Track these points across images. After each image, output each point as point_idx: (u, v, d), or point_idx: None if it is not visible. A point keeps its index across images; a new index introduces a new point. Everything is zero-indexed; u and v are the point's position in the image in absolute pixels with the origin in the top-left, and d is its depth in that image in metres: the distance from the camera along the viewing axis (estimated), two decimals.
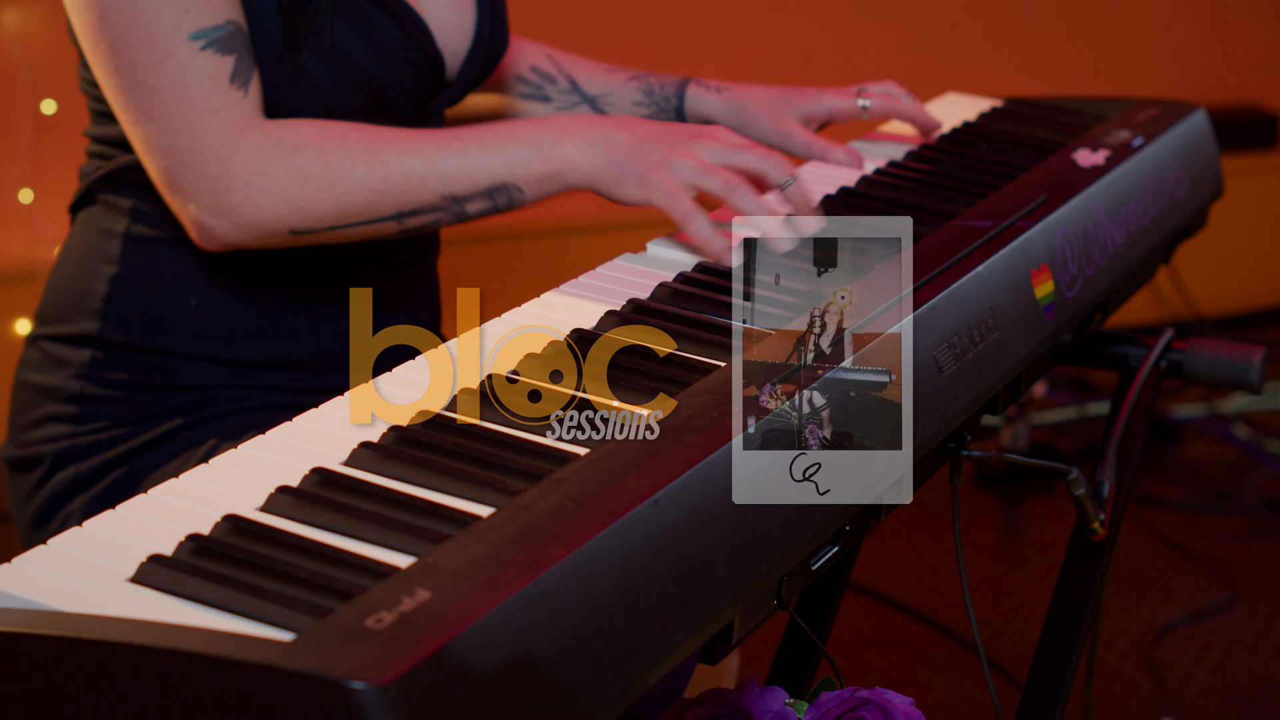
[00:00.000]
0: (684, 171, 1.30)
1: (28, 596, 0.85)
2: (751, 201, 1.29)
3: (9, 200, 2.94)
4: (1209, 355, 1.61)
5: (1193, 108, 1.75)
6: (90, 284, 1.46)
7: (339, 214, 1.32)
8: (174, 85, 1.31)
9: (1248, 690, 2.45)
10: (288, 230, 1.33)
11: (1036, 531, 2.98)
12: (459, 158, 1.32)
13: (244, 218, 1.31)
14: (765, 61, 3.42)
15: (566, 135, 1.33)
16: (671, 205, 1.29)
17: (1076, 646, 1.46)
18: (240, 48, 1.33)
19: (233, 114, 1.31)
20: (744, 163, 1.32)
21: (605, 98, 1.68)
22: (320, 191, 1.31)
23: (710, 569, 0.95)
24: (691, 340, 1.16)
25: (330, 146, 1.31)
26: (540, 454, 1.00)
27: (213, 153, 1.31)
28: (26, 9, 2.88)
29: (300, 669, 0.76)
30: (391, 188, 1.32)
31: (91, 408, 1.45)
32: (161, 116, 1.31)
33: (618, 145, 1.32)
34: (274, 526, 0.91)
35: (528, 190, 1.33)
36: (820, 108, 1.62)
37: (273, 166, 1.31)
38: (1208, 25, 3.79)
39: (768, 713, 1.18)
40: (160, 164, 1.33)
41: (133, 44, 1.30)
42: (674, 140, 1.32)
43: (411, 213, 1.33)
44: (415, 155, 1.32)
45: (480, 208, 1.34)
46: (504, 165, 1.32)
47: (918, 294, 1.22)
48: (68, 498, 1.46)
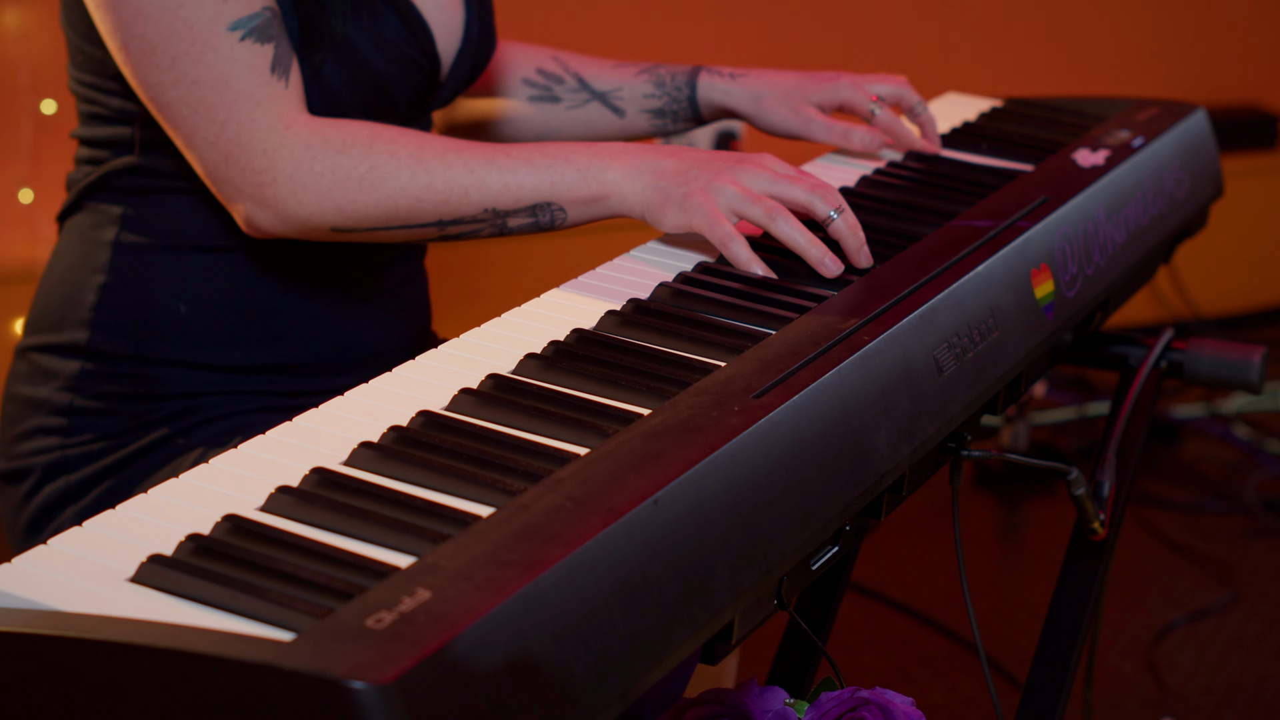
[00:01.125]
0: (726, 196, 1.27)
1: (28, 596, 0.85)
2: (794, 231, 1.26)
3: (9, 200, 2.94)
4: (1209, 355, 1.61)
5: (1193, 108, 1.75)
6: (79, 293, 1.45)
7: (381, 217, 1.32)
8: (216, 77, 1.30)
9: (1248, 690, 2.45)
10: (329, 227, 1.33)
11: (1036, 531, 2.98)
12: (504, 173, 1.31)
13: (287, 211, 1.31)
14: (765, 61, 3.42)
15: (614, 160, 1.31)
16: (711, 228, 1.26)
17: (1076, 646, 1.47)
18: (278, 34, 1.33)
19: (276, 105, 1.31)
20: (790, 194, 1.29)
21: (616, 93, 1.66)
22: (363, 193, 1.31)
23: (710, 569, 0.95)
24: (691, 340, 1.16)
25: (377, 149, 1.31)
26: (540, 454, 1.00)
27: (258, 145, 1.30)
28: (26, 9, 2.88)
29: (300, 669, 0.76)
30: (434, 196, 1.31)
31: (80, 420, 1.44)
32: (205, 109, 1.31)
33: (663, 172, 1.30)
34: (274, 526, 0.91)
35: (571, 212, 1.32)
36: (834, 98, 1.59)
37: (318, 164, 1.30)
38: (1208, 25, 3.80)
39: (768, 713, 1.18)
40: (207, 156, 1.32)
41: (172, 38, 1.30)
42: (719, 166, 1.29)
43: (453, 221, 1.32)
44: (461, 166, 1.31)
45: (522, 223, 1.33)
46: (549, 185, 1.31)
47: (918, 294, 1.22)
48: (58, 509, 1.45)
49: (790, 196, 1.29)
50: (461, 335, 1.18)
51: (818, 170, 1.56)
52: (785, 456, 1.02)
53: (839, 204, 1.28)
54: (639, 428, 1.01)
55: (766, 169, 1.30)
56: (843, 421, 1.08)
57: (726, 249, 1.27)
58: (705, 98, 1.63)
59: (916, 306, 1.20)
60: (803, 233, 1.26)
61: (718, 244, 1.27)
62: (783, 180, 1.29)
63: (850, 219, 1.28)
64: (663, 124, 1.66)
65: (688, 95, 1.64)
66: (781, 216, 1.26)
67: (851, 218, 1.29)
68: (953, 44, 3.59)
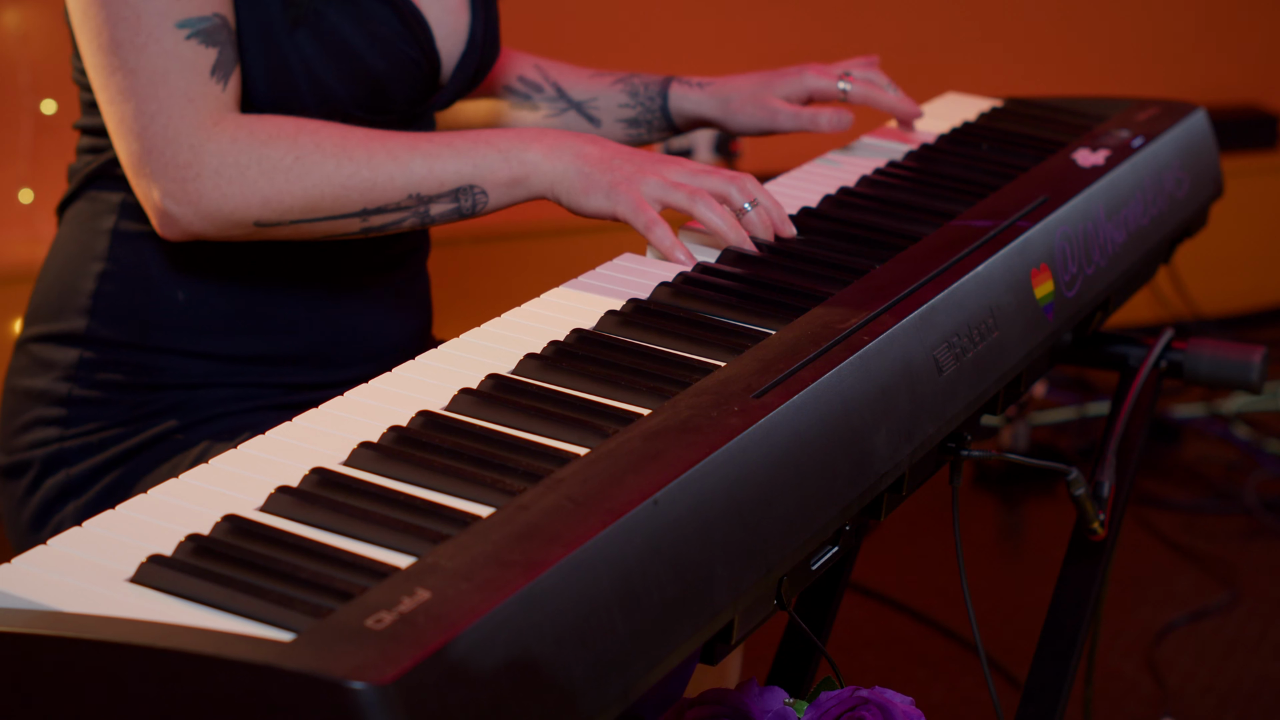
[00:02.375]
0: (650, 187, 1.31)
1: (28, 596, 0.85)
2: (714, 214, 1.31)
3: (9, 200, 2.94)
4: (1209, 355, 1.61)
5: (1193, 108, 1.75)
6: (78, 281, 1.46)
7: (305, 207, 1.33)
8: (155, 70, 1.32)
9: (1248, 690, 2.45)
10: (252, 221, 1.33)
11: (1036, 531, 2.98)
12: (427, 159, 1.33)
13: (210, 206, 1.32)
14: (764, 62, 3.41)
15: (534, 142, 1.34)
16: (635, 215, 1.30)
17: (1076, 646, 1.46)
18: (225, 41, 1.34)
19: (209, 105, 1.32)
20: (709, 185, 1.33)
21: (591, 102, 1.69)
22: (289, 184, 1.32)
23: (710, 569, 0.95)
24: (691, 340, 1.16)
25: (303, 140, 1.32)
26: (540, 454, 1.00)
27: (185, 140, 1.32)
28: (26, 9, 2.88)
29: (300, 669, 0.76)
30: (360, 184, 1.33)
31: (80, 409, 1.45)
32: (138, 99, 1.32)
33: (585, 156, 1.33)
34: (274, 526, 0.91)
35: (492, 195, 1.35)
36: (800, 87, 1.62)
37: (244, 156, 1.32)
38: (1208, 25, 3.80)
39: (768, 713, 1.18)
40: (131, 146, 1.33)
41: (119, 24, 1.31)
42: (641, 160, 1.34)
43: (377, 210, 1.34)
44: (385, 153, 1.33)
45: (444, 209, 1.35)
46: (470, 167, 1.34)
47: (918, 294, 1.22)
48: (59, 504, 1.45)
49: (710, 186, 1.33)
50: (461, 335, 1.18)
51: (818, 170, 1.56)
52: (785, 456, 1.02)
53: (753, 196, 1.33)
54: (639, 428, 1.01)
55: (685, 165, 1.34)
56: (842, 421, 1.08)
57: (651, 233, 1.30)
58: (676, 108, 1.67)
59: (916, 306, 1.20)
60: (722, 215, 1.31)
61: (642, 229, 1.30)
62: (701, 174, 1.34)
63: (763, 214, 1.34)
64: (638, 133, 1.69)
65: (660, 105, 1.67)
66: (702, 200, 1.31)
67: (764, 213, 1.34)
68: (953, 44, 3.58)
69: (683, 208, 1.31)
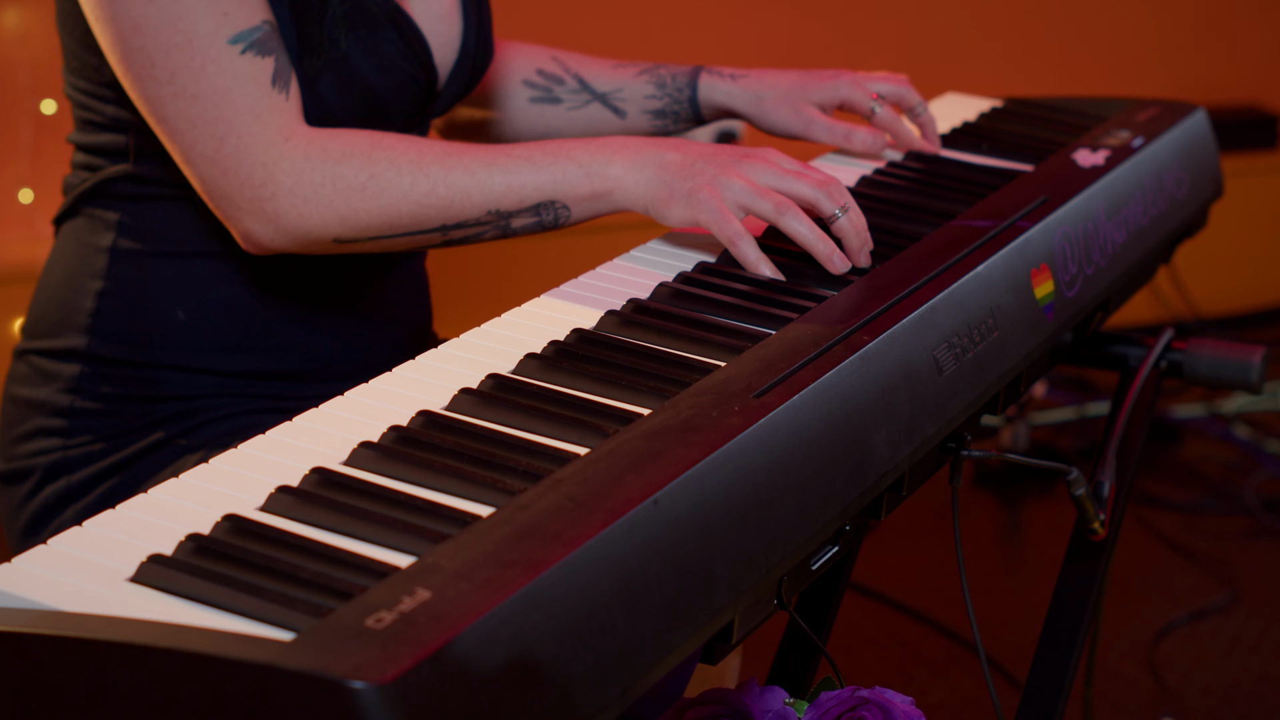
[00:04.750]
0: (733, 191, 1.26)
1: (28, 596, 0.85)
2: (803, 226, 1.26)
3: (9, 200, 2.94)
4: (1209, 355, 1.61)
5: (1193, 108, 1.75)
6: (77, 299, 1.45)
7: (384, 225, 1.31)
8: (216, 91, 1.29)
9: (1248, 690, 2.45)
10: (332, 239, 1.32)
11: (1036, 531, 2.98)
12: (506, 174, 1.30)
13: (289, 224, 1.30)
14: (764, 61, 3.41)
15: (616, 155, 1.30)
16: (720, 225, 1.26)
17: (1076, 646, 1.47)
18: (277, 48, 1.32)
19: (276, 118, 1.30)
20: (796, 190, 1.28)
21: (617, 93, 1.66)
22: (365, 202, 1.30)
23: (710, 569, 0.95)
24: (691, 340, 1.16)
25: (377, 157, 1.30)
26: (540, 454, 1.00)
27: (258, 159, 1.29)
28: (26, 9, 2.88)
29: (300, 669, 0.76)
30: (437, 201, 1.30)
31: (81, 421, 1.44)
32: (205, 123, 1.29)
33: (667, 165, 1.29)
34: (274, 526, 0.91)
35: (574, 209, 1.32)
36: (834, 96, 1.59)
37: (318, 175, 1.29)
38: (1208, 25, 3.79)
39: (768, 713, 1.18)
40: (205, 171, 1.31)
41: (171, 52, 1.28)
42: (724, 160, 1.28)
43: (456, 225, 1.32)
44: (462, 170, 1.30)
45: (526, 224, 1.32)
46: (551, 183, 1.30)
47: (917, 294, 1.22)
48: (59, 509, 1.45)
49: (797, 192, 1.28)
50: (461, 335, 1.18)
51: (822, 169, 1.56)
52: (785, 456, 1.02)
53: (845, 201, 1.28)
54: (639, 428, 1.01)
55: (773, 164, 1.29)
56: (843, 421, 1.08)
57: (735, 247, 1.26)
58: (706, 98, 1.63)
59: (916, 306, 1.20)
60: (811, 228, 1.26)
61: (726, 242, 1.27)
62: (789, 175, 1.29)
63: (856, 217, 1.29)
64: (663, 124, 1.66)
65: (689, 96, 1.63)
66: (790, 212, 1.26)
67: (858, 216, 1.29)
68: (953, 44, 3.58)
69: (769, 219, 1.27)
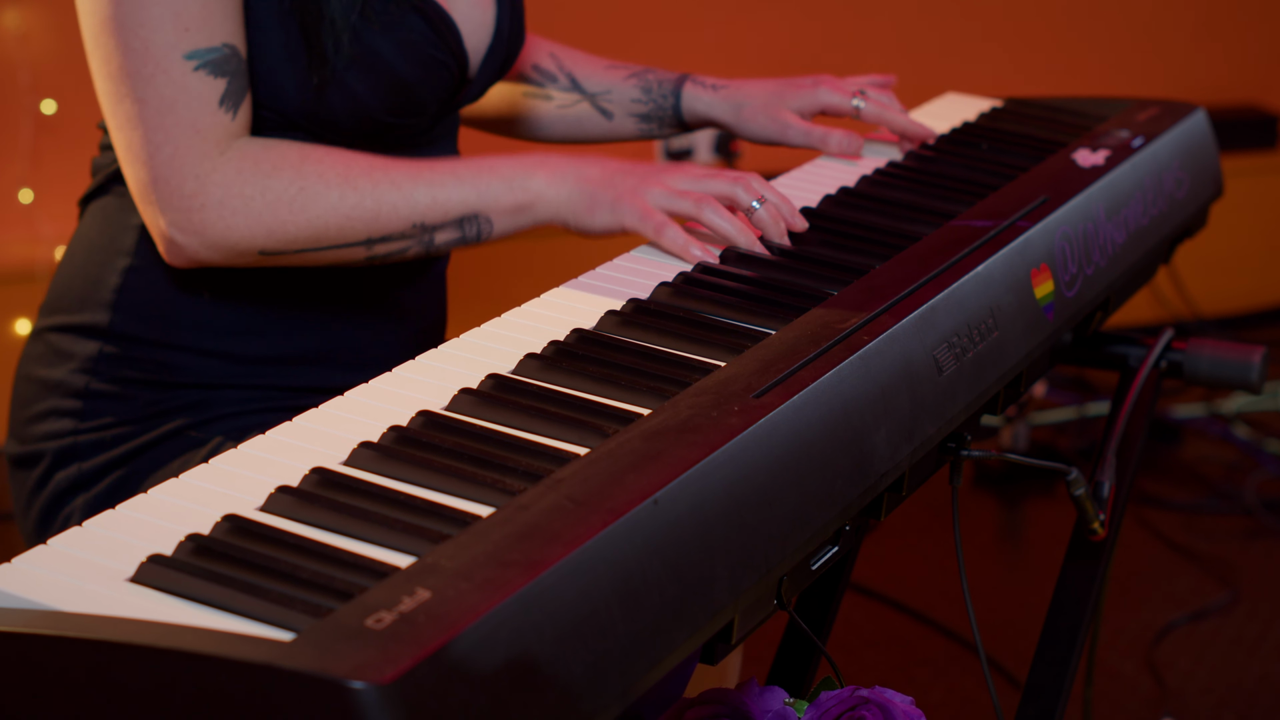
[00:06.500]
0: (654, 196, 1.32)
1: (28, 596, 0.85)
2: (721, 219, 1.32)
3: (9, 200, 2.94)
4: (1209, 355, 1.61)
5: (1193, 108, 1.75)
6: (103, 274, 1.46)
7: (310, 238, 1.34)
8: (162, 100, 1.32)
9: (1248, 690, 2.45)
10: (257, 251, 1.34)
11: (1036, 531, 2.98)
12: (431, 187, 1.34)
13: (215, 236, 1.33)
14: (764, 62, 3.42)
15: (538, 169, 1.35)
16: (643, 223, 1.32)
17: (1076, 646, 1.47)
18: (234, 71, 1.34)
19: (216, 134, 1.33)
20: (711, 187, 1.34)
21: (605, 95, 1.69)
22: (293, 214, 1.33)
23: (710, 569, 0.95)
24: (691, 340, 1.16)
25: (306, 170, 1.33)
26: (540, 454, 1.00)
27: (190, 170, 1.32)
28: (26, 9, 2.88)
29: (300, 669, 0.76)
30: (364, 214, 1.34)
31: (95, 403, 1.45)
32: (146, 128, 1.32)
33: (587, 178, 1.34)
34: (274, 526, 0.91)
35: (497, 222, 1.36)
36: (814, 101, 1.63)
37: (248, 187, 1.32)
38: (1208, 25, 3.79)
39: (768, 713, 1.18)
40: (138, 173, 1.34)
41: (129, 53, 1.31)
42: (643, 172, 1.34)
43: (381, 239, 1.35)
44: (388, 183, 1.34)
45: (449, 238, 1.36)
46: (475, 196, 1.34)
47: (918, 294, 1.22)
48: (69, 496, 1.46)
49: (714, 190, 1.34)
50: (461, 335, 1.18)
51: (818, 170, 1.57)
52: (785, 456, 1.02)
53: (759, 194, 1.34)
54: (639, 428, 1.01)
55: (688, 172, 1.35)
56: (843, 421, 1.08)
57: (662, 236, 1.31)
58: (689, 107, 1.67)
59: (916, 306, 1.20)
60: (730, 221, 1.32)
61: (652, 234, 1.31)
62: (704, 178, 1.35)
63: (771, 210, 1.34)
64: (649, 129, 1.70)
65: (672, 104, 1.68)
66: (708, 205, 1.32)
67: (773, 209, 1.34)
68: (953, 44, 3.58)
69: (689, 215, 1.32)
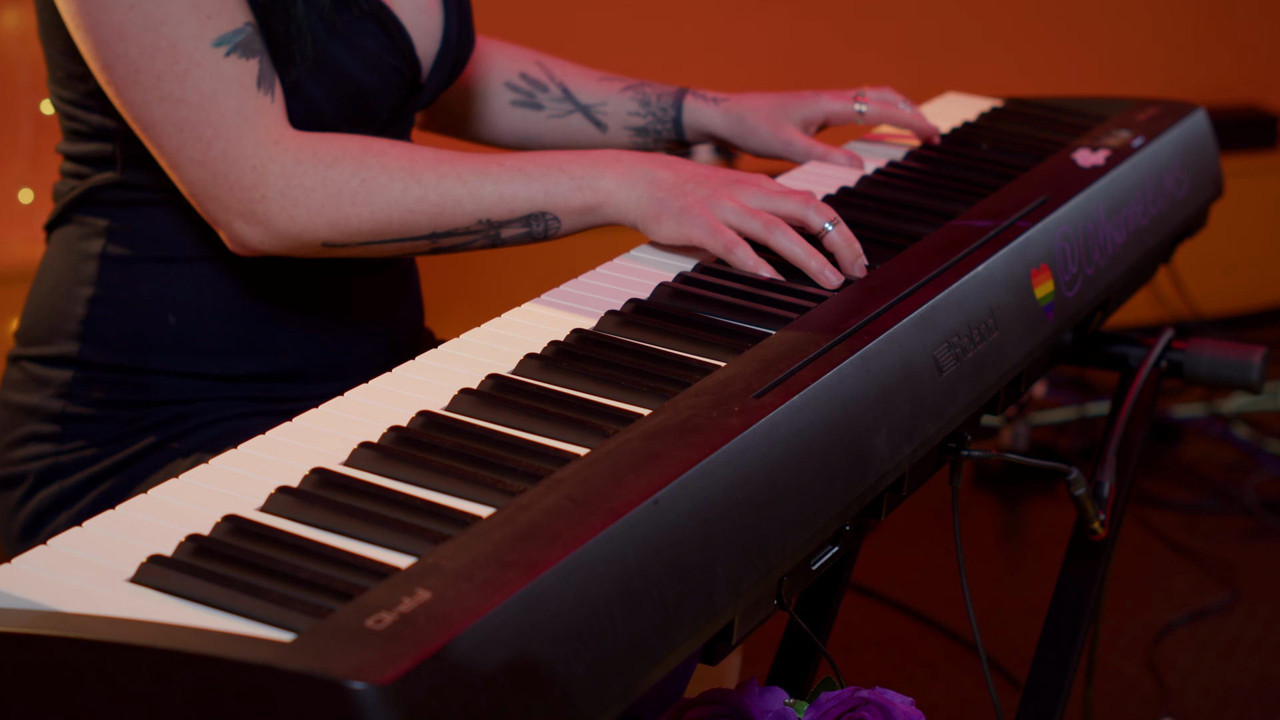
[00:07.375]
0: (724, 211, 1.28)
1: (28, 596, 0.85)
2: (793, 243, 1.28)
3: (9, 200, 2.94)
4: (1209, 355, 1.61)
5: (1193, 108, 1.75)
6: (68, 306, 1.45)
7: (374, 230, 1.31)
8: (202, 94, 1.29)
9: (1248, 690, 2.45)
10: (321, 242, 1.32)
11: (1036, 531, 2.98)
12: (498, 184, 1.31)
13: (278, 227, 1.30)
14: (763, 63, 3.42)
15: (609, 168, 1.31)
16: (712, 238, 1.28)
17: (1076, 646, 1.47)
18: (261, 49, 1.32)
19: (264, 120, 1.30)
20: (785, 208, 1.30)
21: (600, 106, 1.67)
22: (356, 207, 1.30)
23: (710, 569, 0.95)
24: (691, 340, 1.16)
25: (369, 162, 1.30)
26: (540, 454, 1.00)
27: (247, 161, 1.29)
28: (26, 9, 2.88)
29: (300, 669, 0.76)
30: (428, 208, 1.30)
31: (74, 426, 1.44)
32: (192, 127, 1.29)
33: (659, 182, 1.30)
34: (274, 526, 0.91)
35: (565, 221, 1.32)
36: (817, 111, 1.62)
37: (309, 178, 1.29)
38: (1208, 25, 3.80)
39: (768, 713, 1.18)
40: (193, 175, 1.31)
41: (156, 56, 1.28)
42: (715, 183, 1.30)
43: (446, 234, 1.32)
44: (454, 178, 1.31)
45: (515, 234, 1.33)
46: (543, 194, 1.31)
47: (918, 294, 1.22)
48: (52, 514, 1.45)
49: (786, 210, 1.30)
50: (461, 335, 1.18)
51: (818, 171, 1.57)
52: (785, 456, 1.02)
53: (833, 217, 1.30)
54: (639, 428, 1.01)
55: (761, 187, 1.31)
56: (843, 421, 1.08)
57: (732, 255, 1.27)
58: (690, 121, 1.65)
59: (916, 306, 1.20)
60: (801, 245, 1.28)
61: (721, 252, 1.28)
62: (777, 196, 1.31)
63: (844, 231, 1.30)
64: (644, 141, 1.67)
65: (673, 117, 1.65)
66: (779, 229, 1.28)
67: (846, 230, 1.30)
68: (953, 44, 3.59)
69: (759, 237, 1.28)
